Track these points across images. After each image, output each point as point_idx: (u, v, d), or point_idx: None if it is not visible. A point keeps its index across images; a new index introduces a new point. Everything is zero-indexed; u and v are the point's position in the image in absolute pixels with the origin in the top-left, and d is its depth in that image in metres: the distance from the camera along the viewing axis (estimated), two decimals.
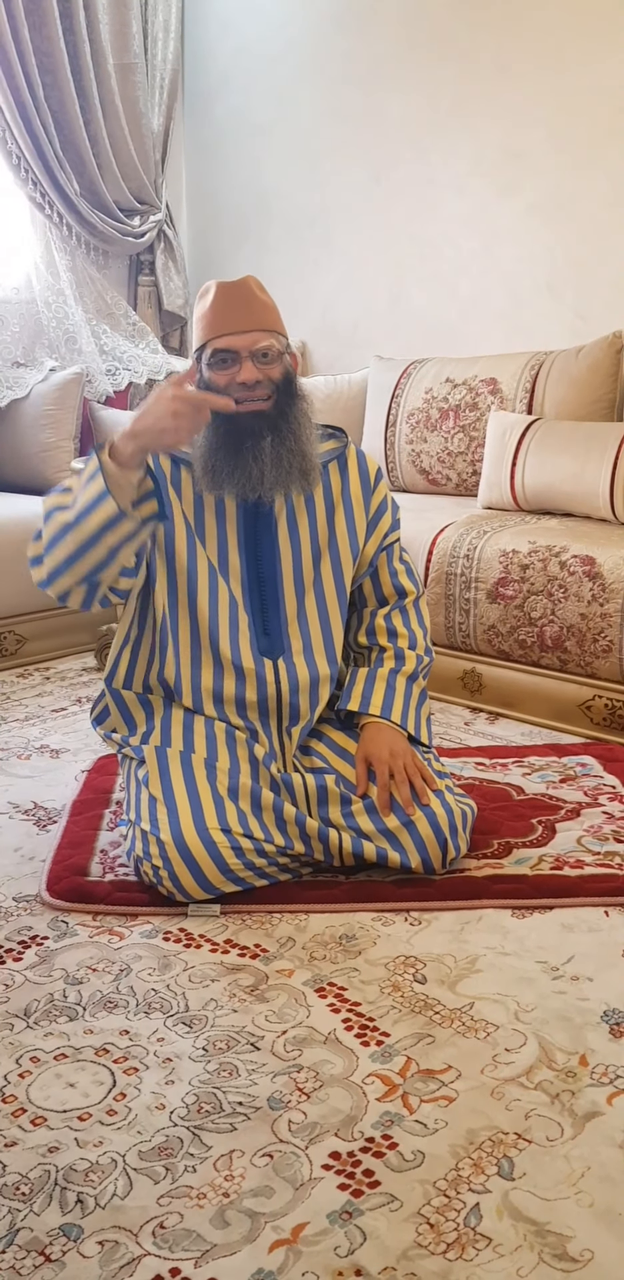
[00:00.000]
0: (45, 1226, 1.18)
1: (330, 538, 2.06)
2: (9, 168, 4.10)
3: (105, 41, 4.27)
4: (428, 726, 2.09)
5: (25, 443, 3.97)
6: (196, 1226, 1.18)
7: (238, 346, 1.90)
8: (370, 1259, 1.14)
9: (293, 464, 1.94)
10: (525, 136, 3.70)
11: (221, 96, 4.68)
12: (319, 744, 2.05)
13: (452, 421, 3.60)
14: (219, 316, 1.92)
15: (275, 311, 1.96)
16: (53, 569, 1.86)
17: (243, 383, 1.90)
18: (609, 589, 2.63)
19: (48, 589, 1.90)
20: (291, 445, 1.93)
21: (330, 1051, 1.48)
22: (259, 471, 1.92)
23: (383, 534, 2.11)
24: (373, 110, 4.13)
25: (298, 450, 1.94)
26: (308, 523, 2.04)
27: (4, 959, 1.71)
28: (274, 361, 1.93)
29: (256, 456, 1.91)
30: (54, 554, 1.85)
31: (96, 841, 2.08)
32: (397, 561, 2.14)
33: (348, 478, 2.09)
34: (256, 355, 1.91)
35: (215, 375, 1.92)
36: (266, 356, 1.91)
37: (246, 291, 1.93)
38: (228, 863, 1.81)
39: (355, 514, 2.08)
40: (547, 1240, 1.16)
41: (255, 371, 1.90)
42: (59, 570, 1.85)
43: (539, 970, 1.67)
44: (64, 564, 1.84)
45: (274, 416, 1.92)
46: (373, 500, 2.10)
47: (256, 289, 1.94)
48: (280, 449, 1.93)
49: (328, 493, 2.06)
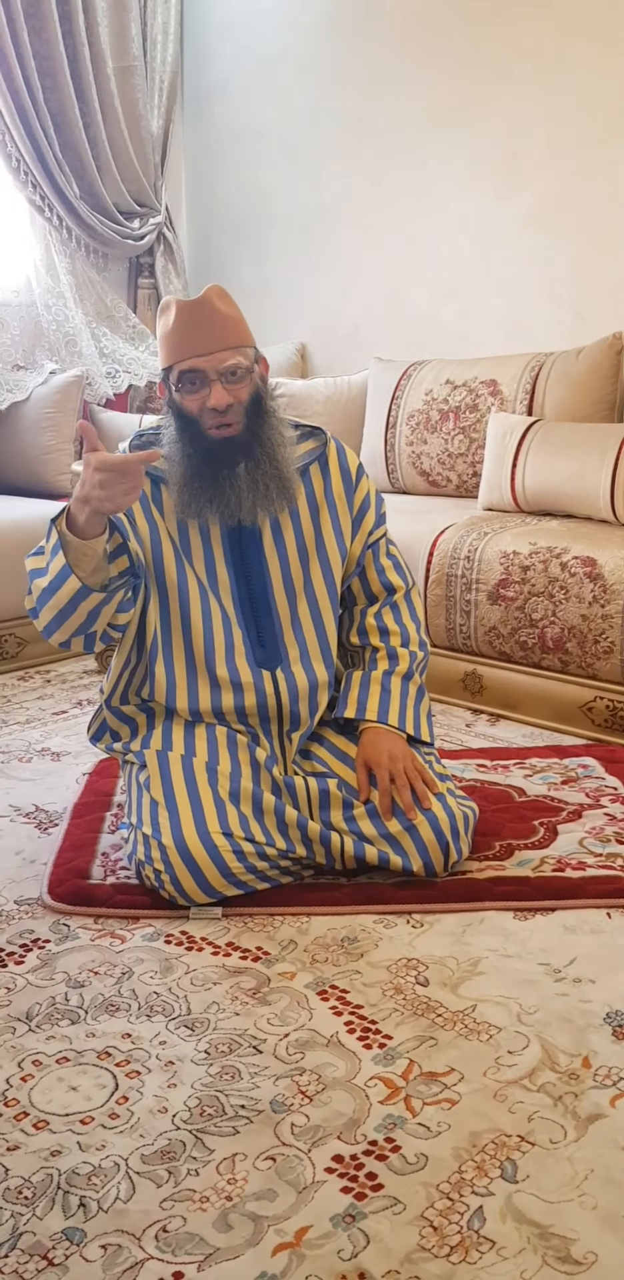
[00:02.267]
0: (48, 1230, 1.18)
1: (317, 540, 2.05)
2: (9, 170, 4.10)
3: (104, 44, 4.27)
4: (428, 723, 2.08)
5: (25, 445, 3.97)
6: (199, 1230, 1.18)
7: (204, 367, 1.87)
8: (374, 1262, 1.14)
9: (269, 485, 1.93)
10: (525, 138, 3.70)
11: (221, 99, 4.68)
12: (319, 748, 2.05)
13: (452, 423, 3.60)
14: (183, 337, 1.87)
15: (240, 323, 1.91)
16: (46, 625, 1.90)
17: (214, 408, 1.88)
18: (610, 590, 2.63)
19: (47, 640, 1.94)
20: (267, 468, 1.92)
21: (333, 1054, 1.48)
22: (236, 499, 1.91)
23: (368, 531, 2.10)
24: (372, 112, 4.14)
25: (273, 472, 1.93)
26: (293, 529, 2.03)
27: (6, 962, 1.71)
28: (243, 379, 1.90)
29: (233, 484, 1.91)
30: (42, 615, 1.88)
31: (98, 844, 2.08)
32: (384, 557, 2.12)
33: (329, 477, 2.07)
34: (225, 375, 1.88)
35: (186, 399, 1.90)
36: (235, 375, 1.88)
37: (208, 309, 1.87)
38: (229, 866, 1.81)
39: (340, 513, 2.07)
40: (550, 1243, 1.16)
41: (225, 395, 1.87)
42: (51, 627, 1.89)
43: (541, 972, 1.67)
44: (54, 622, 1.87)
45: (247, 441, 1.91)
46: (356, 498, 2.09)
47: (219, 301, 1.89)
48: (255, 473, 1.92)
49: (311, 496, 2.05)
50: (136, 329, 4.51)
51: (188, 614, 1.97)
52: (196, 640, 1.97)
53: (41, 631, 1.93)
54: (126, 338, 4.47)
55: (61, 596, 1.81)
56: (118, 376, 4.34)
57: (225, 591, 1.99)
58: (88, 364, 4.21)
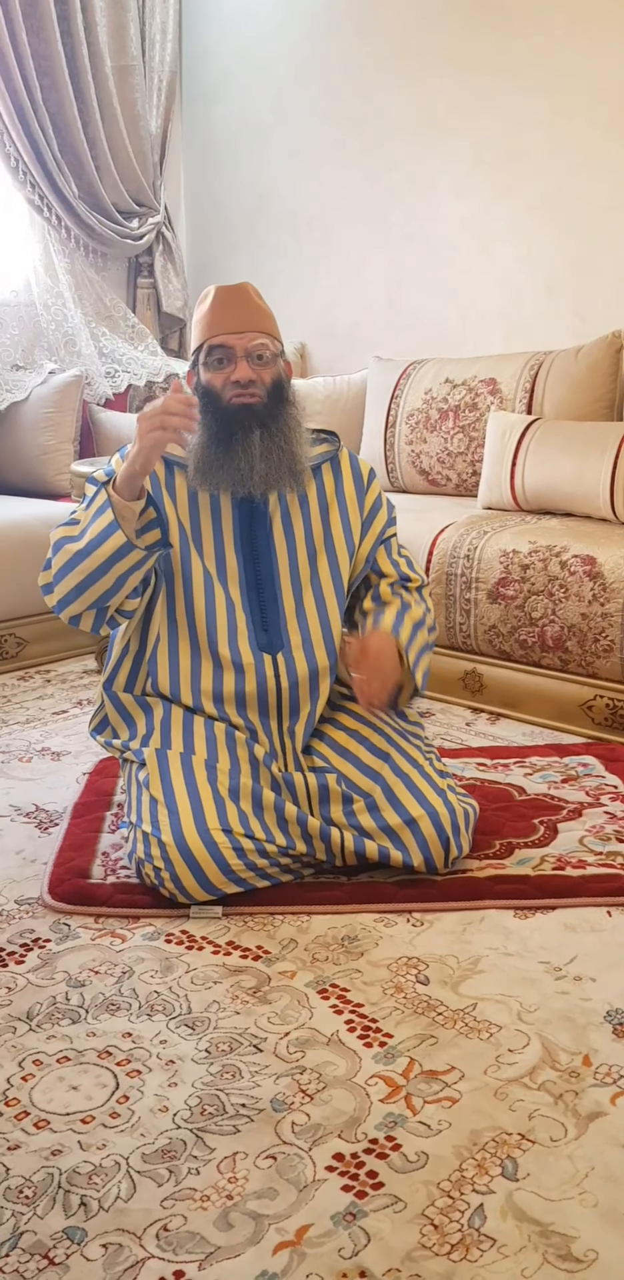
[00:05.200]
0: (49, 1230, 1.18)
1: (326, 536, 2.07)
2: (7, 170, 4.10)
3: (103, 44, 4.27)
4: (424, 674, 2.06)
5: (25, 445, 3.96)
6: (200, 1229, 1.18)
7: (233, 344, 1.95)
8: (374, 1260, 1.14)
9: (282, 461, 1.97)
10: (524, 137, 3.70)
11: (220, 98, 4.68)
12: (320, 743, 2.05)
13: (451, 422, 3.60)
14: (216, 317, 1.97)
15: (272, 318, 2.02)
16: (63, 596, 1.93)
17: (237, 380, 1.94)
18: (610, 589, 2.63)
19: (59, 614, 1.98)
20: (281, 444, 1.97)
21: (333, 1053, 1.48)
22: (248, 465, 1.95)
23: (380, 529, 2.13)
24: (371, 111, 4.13)
25: (287, 450, 1.98)
26: (303, 522, 2.05)
27: (6, 962, 1.71)
28: (268, 364, 1.98)
29: (246, 449, 1.95)
30: (64, 583, 1.92)
31: (98, 844, 2.08)
32: (396, 554, 2.15)
33: (341, 477, 2.11)
34: (251, 355, 1.96)
35: (212, 376, 1.97)
36: (261, 358, 1.97)
37: (244, 295, 2.00)
38: (229, 863, 1.81)
39: (350, 512, 2.09)
40: (551, 1241, 1.16)
41: (249, 370, 1.95)
42: (69, 598, 1.92)
43: (542, 971, 1.67)
44: (74, 591, 1.91)
45: (263, 413, 1.96)
46: (367, 498, 2.12)
47: (254, 294, 2.01)
48: (269, 444, 1.96)
49: (321, 493, 2.08)
50: (136, 329, 4.51)
51: (192, 600, 2.00)
52: (200, 624, 1.99)
53: (54, 605, 1.97)
54: (126, 337, 4.47)
55: (99, 555, 1.86)
56: (117, 376, 4.34)
57: (233, 577, 2.02)
58: (87, 364, 4.21)
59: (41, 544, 3.41)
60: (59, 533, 1.95)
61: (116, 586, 1.89)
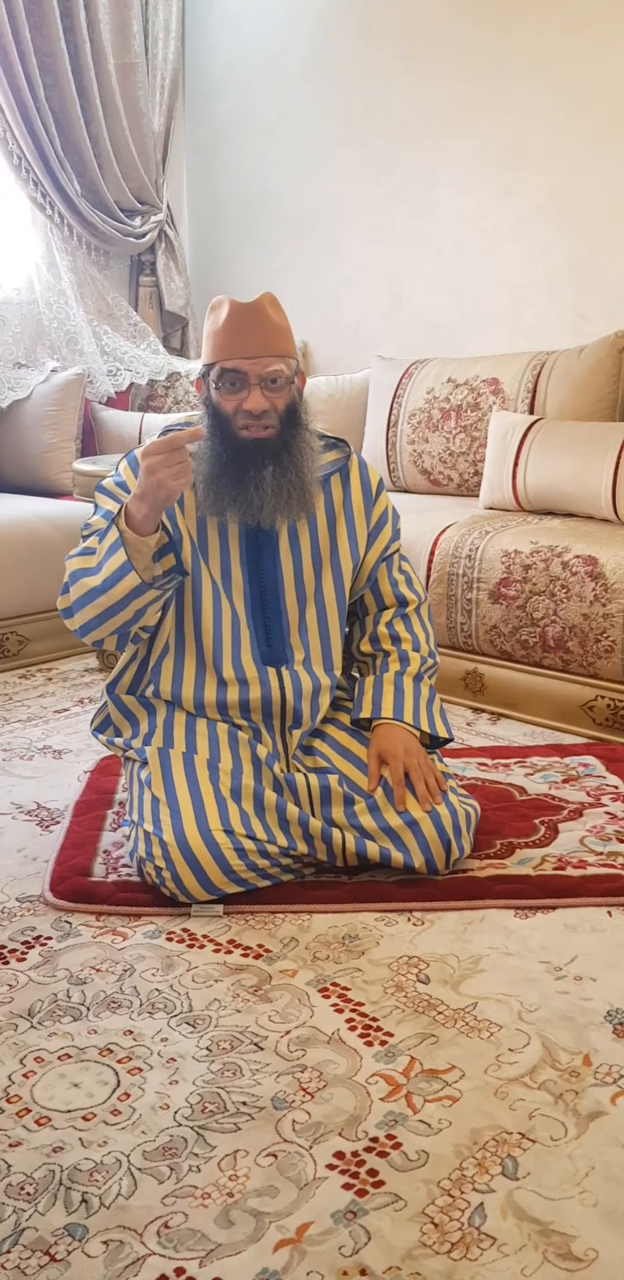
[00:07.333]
0: (50, 1226, 1.18)
1: (332, 548, 2.07)
2: (10, 168, 4.10)
3: (106, 41, 4.27)
4: (443, 719, 2.09)
5: (27, 444, 3.97)
6: (201, 1226, 1.18)
7: (247, 370, 1.89)
8: (375, 1258, 1.14)
9: (293, 495, 1.95)
10: (527, 136, 3.70)
11: (222, 96, 4.68)
12: (322, 744, 2.05)
13: (453, 422, 3.60)
14: (231, 338, 1.90)
15: (288, 334, 1.94)
16: (83, 625, 1.93)
17: (249, 410, 1.90)
18: (611, 589, 2.63)
19: (81, 639, 1.98)
20: (293, 477, 1.94)
21: (334, 1051, 1.48)
22: (259, 500, 1.93)
23: (384, 545, 2.12)
24: (374, 110, 4.13)
25: (297, 481, 1.95)
26: (309, 536, 2.05)
27: (8, 959, 1.71)
28: (282, 389, 1.92)
29: (258, 485, 1.92)
30: (83, 613, 1.91)
31: (99, 842, 2.08)
32: (396, 571, 2.14)
33: (350, 489, 2.10)
34: (265, 381, 1.90)
35: (223, 399, 1.92)
36: (275, 383, 1.91)
37: (260, 314, 1.90)
38: (230, 863, 1.81)
39: (357, 525, 2.09)
40: (551, 1240, 1.16)
41: (263, 400, 1.89)
42: (89, 626, 1.92)
43: (542, 970, 1.67)
44: (93, 622, 1.91)
45: (277, 446, 1.93)
46: (374, 512, 2.11)
47: (271, 309, 1.92)
48: (281, 479, 1.93)
49: (329, 505, 2.08)
50: (138, 327, 4.51)
51: (200, 613, 1.99)
52: (206, 639, 1.99)
53: (76, 630, 1.97)
54: (128, 336, 4.47)
55: (115, 593, 1.84)
56: (119, 374, 4.34)
57: (238, 591, 2.01)
58: (89, 362, 4.21)
59: (43, 542, 3.44)
60: (75, 563, 1.93)
61: (135, 618, 1.90)
